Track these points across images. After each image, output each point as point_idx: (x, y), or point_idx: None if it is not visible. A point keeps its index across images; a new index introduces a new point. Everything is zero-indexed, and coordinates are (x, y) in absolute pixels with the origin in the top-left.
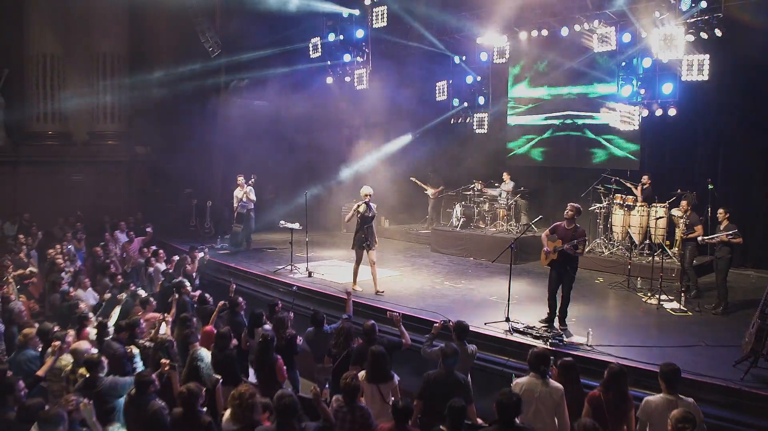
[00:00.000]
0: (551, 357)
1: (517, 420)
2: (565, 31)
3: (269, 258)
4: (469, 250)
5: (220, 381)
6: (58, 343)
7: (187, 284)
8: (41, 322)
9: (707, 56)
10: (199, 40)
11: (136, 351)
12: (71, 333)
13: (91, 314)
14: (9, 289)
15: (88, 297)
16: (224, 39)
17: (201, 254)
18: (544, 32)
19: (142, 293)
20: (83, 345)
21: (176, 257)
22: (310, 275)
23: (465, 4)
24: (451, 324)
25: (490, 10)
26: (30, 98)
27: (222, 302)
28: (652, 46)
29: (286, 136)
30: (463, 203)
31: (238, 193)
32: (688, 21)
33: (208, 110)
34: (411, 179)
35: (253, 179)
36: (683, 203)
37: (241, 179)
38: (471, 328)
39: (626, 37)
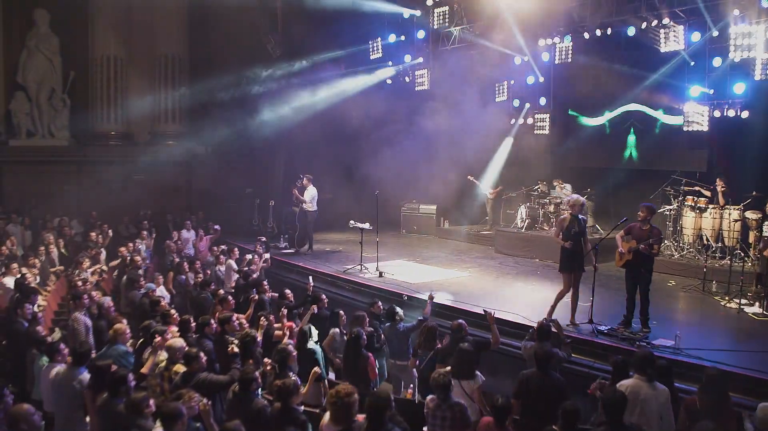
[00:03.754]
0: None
1: None
2: (631, 31)
3: (335, 257)
4: (535, 252)
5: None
6: (160, 339)
7: (266, 282)
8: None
9: None
10: (260, 41)
11: (236, 350)
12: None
13: (173, 310)
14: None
15: (161, 293)
16: (286, 39)
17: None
18: (609, 31)
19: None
20: (178, 341)
21: (248, 256)
22: (381, 275)
23: (527, 2)
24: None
25: (554, 8)
26: (94, 100)
27: (314, 306)
28: (724, 44)
29: (345, 135)
30: (527, 204)
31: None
32: None
33: (268, 111)
34: (468, 177)
35: (301, 181)
36: None
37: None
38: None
39: (695, 36)
